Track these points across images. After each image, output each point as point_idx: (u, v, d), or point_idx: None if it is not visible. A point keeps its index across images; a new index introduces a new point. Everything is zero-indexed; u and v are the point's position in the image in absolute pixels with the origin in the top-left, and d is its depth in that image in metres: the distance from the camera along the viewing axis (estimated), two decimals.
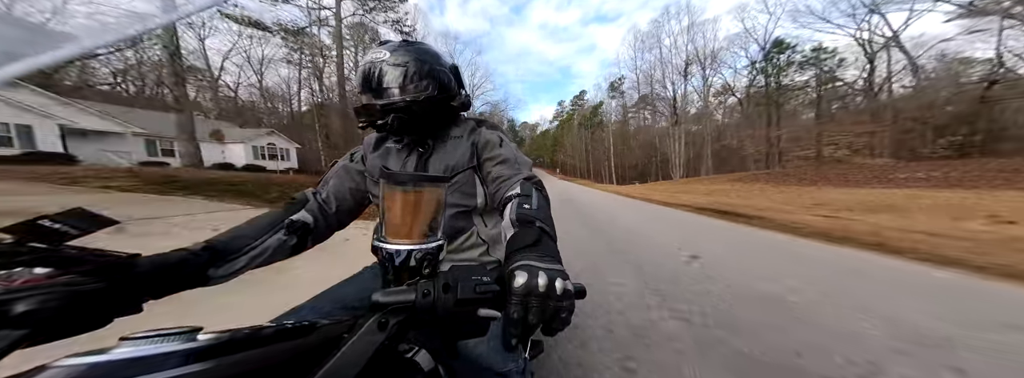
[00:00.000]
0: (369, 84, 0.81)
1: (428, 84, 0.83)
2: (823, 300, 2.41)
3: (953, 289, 2.68)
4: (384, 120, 0.81)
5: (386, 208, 0.53)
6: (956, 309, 2.26)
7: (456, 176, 0.89)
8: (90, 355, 0.30)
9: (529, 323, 0.41)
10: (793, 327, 2.00)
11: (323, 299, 0.82)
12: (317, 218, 0.85)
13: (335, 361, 0.37)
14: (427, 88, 0.83)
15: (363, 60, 0.84)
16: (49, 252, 0.41)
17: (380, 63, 0.80)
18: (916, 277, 2.98)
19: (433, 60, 0.85)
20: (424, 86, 0.83)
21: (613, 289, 2.66)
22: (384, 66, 0.80)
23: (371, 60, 0.81)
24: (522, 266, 0.45)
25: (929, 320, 2.08)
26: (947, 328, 1.96)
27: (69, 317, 0.40)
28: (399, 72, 0.80)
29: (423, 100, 0.82)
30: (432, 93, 0.84)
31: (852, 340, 1.85)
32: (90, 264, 0.44)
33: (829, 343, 1.81)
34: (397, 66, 0.80)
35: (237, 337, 0.38)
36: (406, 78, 0.80)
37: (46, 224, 0.41)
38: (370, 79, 0.81)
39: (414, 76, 0.81)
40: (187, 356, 0.32)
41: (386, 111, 0.81)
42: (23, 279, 0.39)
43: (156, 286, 0.52)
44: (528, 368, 0.87)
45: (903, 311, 2.21)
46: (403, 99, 0.81)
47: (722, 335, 1.90)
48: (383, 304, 0.42)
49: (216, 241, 0.66)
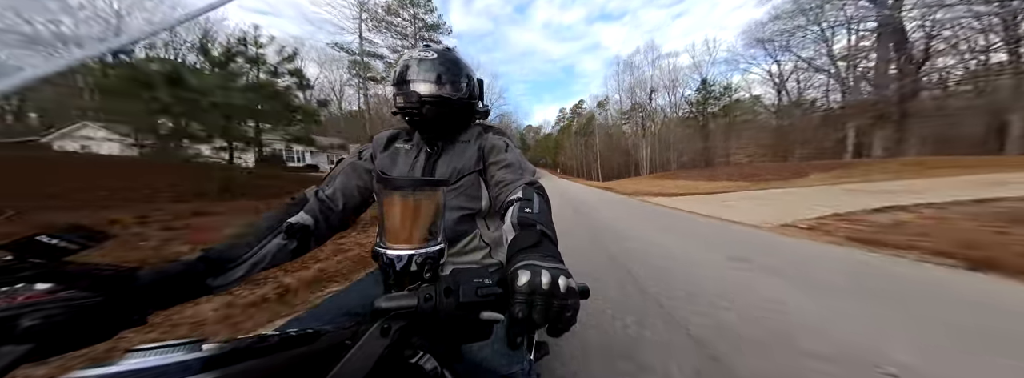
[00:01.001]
0: (410, 75, 0.88)
1: (462, 86, 0.92)
2: (620, 216, 7.64)
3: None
4: (419, 109, 0.86)
5: (385, 213, 0.53)
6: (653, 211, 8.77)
7: (461, 179, 0.90)
8: (97, 367, 0.31)
9: (533, 322, 0.40)
10: (612, 222, 6.58)
11: (326, 306, 0.82)
12: (318, 218, 0.85)
13: (340, 368, 0.37)
14: (461, 89, 0.92)
15: (406, 55, 0.91)
16: (49, 268, 0.41)
17: (425, 60, 0.89)
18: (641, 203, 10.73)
19: (466, 69, 0.95)
20: (458, 87, 0.91)
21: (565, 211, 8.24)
22: (428, 62, 0.89)
23: (418, 56, 0.90)
24: (525, 265, 0.45)
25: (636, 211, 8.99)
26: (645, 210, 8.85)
27: (73, 331, 0.40)
28: (442, 69, 0.89)
29: (455, 99, 0.90)
30: (463, 94, 0.92)
31: (614, 216, 7.63)
32: (90, 278, 0.44)
33: (621, 218, 7.44)
34: (440, 64, 0.89)
35: (241, 346, 0.38)
36: (445, 76, 0.89)
37: (44, 240, 0.41)
38: (413, 71, 0.88)
39: (452, 76, 0.90)
40: (193, 366, 0.32)
41: (423, 102, 0.86)
42: (24, 295, 0.40)
43: (158, 298, 0.52)
44: (533, 370, 0.87)
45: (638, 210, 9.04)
46: (440, 94, 0.88)
47: (584, 209, 9.26)
48: (385, 310, 0.42)
49: (213, 251, 0.66)
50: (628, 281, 2.87)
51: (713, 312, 2.20)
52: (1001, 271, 2.81)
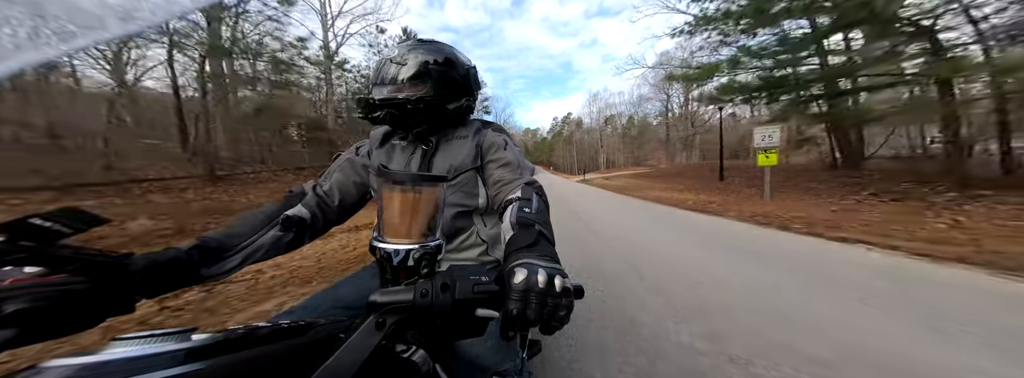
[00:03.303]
0: (376, 78, 0.88)
1: (426, 85, 0.86)
2: (579, 198, 12.91)
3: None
4: (378, 113, 0.84)
5: (384, 207, 0.53)
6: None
7: (459, 176, 0.89)
8: (81, 355, 0.30)
9: (528, 319, 0.40)
10: (581, 203, 10.80)
11: (320, 299, 0.81)
12: (315, 213, 0.84)
13: (332, 361, 0.37)
14: (447, 86, 0.88)
15: (385, 53, 0.92)
16: (39, 251, 0.40)
17: (388, 60, 0.87)
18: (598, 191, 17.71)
19: (442, 63, 0.87)
20: (444, 83, 0.87)
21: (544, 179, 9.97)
22: (390, 64, 0.86)
23: (384, 56, 0.89)
24: (522, 264, 0.45)
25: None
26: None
27: (59, 317, 0.39)
28: (401, 70, 0.85)
29: (415, 99, 0.84)
30: (428, 93, 0.85)
31: (582, 196, 13.99)
32: (81, 263, 0.43)
33: (584, 196, 14.29)
34: (400, 65, 0.85)
35: (232, 337, 0.37)
36: (406, 77, 0.85)
37: (37, 222, 0.40)
38: (377, 73, 0.88)
39: (413, 76, 0.85)
40: (181, 356, 0.32)
41: (382, 105, 0.84)
42: (12, 279, 0.39)
43: (149, 286, 0.52)
44: (526, 368, 0.87)
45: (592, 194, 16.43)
46: (395, 97, 0.84)
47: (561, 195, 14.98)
48: (381, 304, 0.42)
49: (209, 239, 0.65)
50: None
51: (574, 196, 13.42)
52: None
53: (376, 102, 0.83)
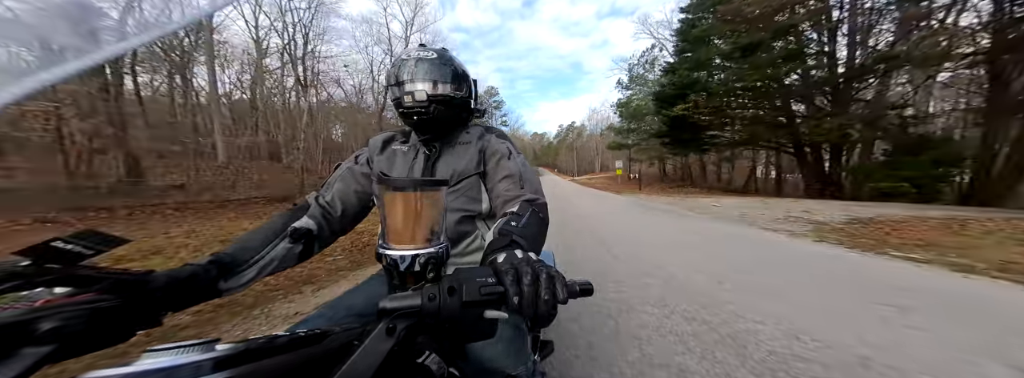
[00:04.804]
0: (412, 75, 0.87)
1: (461, 85, 0.92)
2: (564, 185, 32.35)
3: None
4: (426, 108, 0.86)
5: (387, 214, 0.53)
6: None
7: (462, 181, 0.89)
8: (117, 367, 0.32)
9: (524, 290, 0.41)
10: (572, 197, 17.12)
11: (334, 307, 0.83)
12: (320, 223, 0.85)
13: (347, 368, 0.38)
14: (461, 88, 0.93)
15: (404, 54, 0.90)
16: (66, 272, 0.42)
17: (425, 59, 0.88)
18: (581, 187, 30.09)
19: (463, 68, 0.95)
20: (459, 86, 0.92)
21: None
22: (427, 62, 0.88)
23: (417, 55, 0.88)
24: (498, 250, 0.52)
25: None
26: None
27: (93, 333, 0.41)
28: (443, 68, 0.89)
29: (458, 98, 0.90)
30: (463, 94, 0.93)
31: (564, 189, 24.22)
32: (107, 282, 0.45)
33: (566, 186, 29.64)
34: (441, 63, 0.89)
35: (253, 346, 0.39)
36: (447, 74, 0.89)
37: (59, 245, 0.42)
38: (415, 70, 0.87)
39: (453, 75, 0.90)
40: (209, 366, 0.33)
41: (431, 101, 0.86)
42: (43, 299, 0.41)
43: (172, 301, 0.54)
44: (538, 369, 0.87)
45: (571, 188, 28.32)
46: (444, 94, 0.88)
47: (553, 181, 38.97)
48: (390, 310, 0.42)
49: (223, 254, 0.67)
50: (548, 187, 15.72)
51: (563, 184, 30.30)
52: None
53: (429, 97, 0.86)
